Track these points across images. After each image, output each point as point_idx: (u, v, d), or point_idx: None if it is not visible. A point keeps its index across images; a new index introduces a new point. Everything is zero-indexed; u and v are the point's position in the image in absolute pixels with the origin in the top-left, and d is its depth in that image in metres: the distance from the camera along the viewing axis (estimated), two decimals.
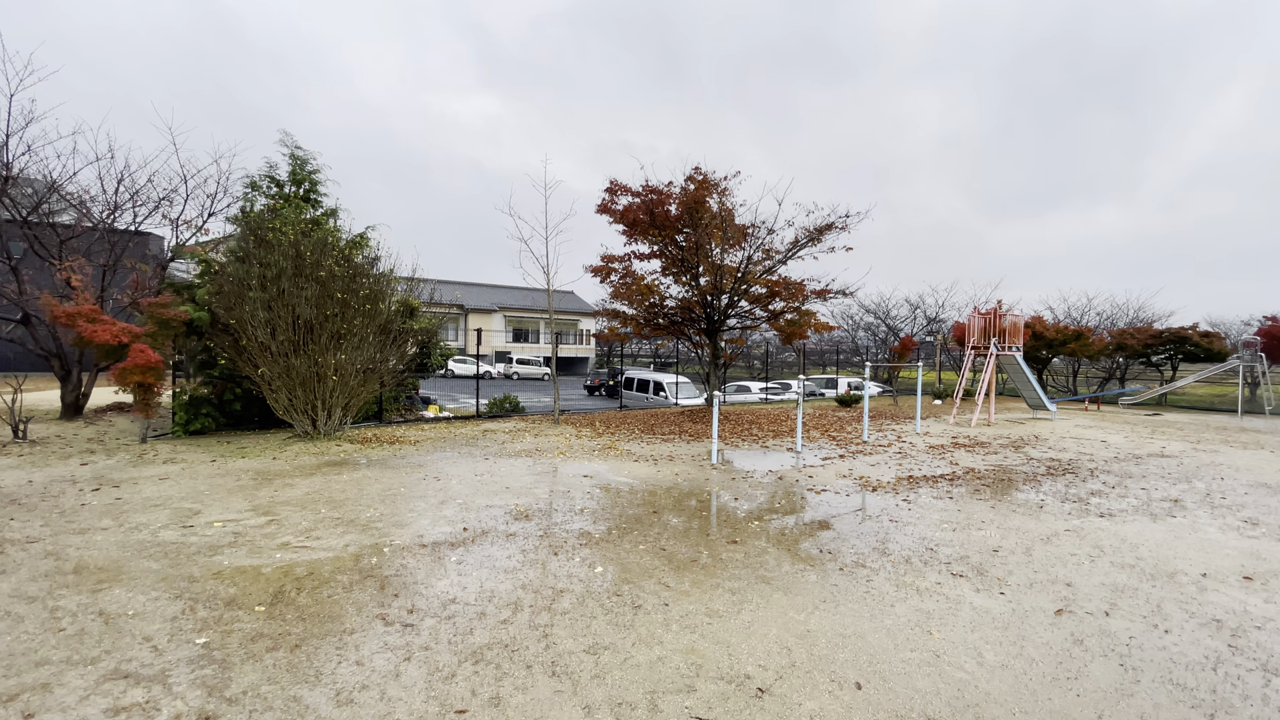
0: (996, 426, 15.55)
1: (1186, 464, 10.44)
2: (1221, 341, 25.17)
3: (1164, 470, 9.81)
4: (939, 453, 11.10)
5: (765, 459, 10.14)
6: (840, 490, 7.85)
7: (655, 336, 17.50)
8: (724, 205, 15.80)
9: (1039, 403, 18.04)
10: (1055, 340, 27.07)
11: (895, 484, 8.28)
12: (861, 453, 10.95)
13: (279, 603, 4.03)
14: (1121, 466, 10.06)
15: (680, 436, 12.44)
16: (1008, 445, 12.29)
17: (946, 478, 8.80)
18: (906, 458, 10.51)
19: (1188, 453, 11.74)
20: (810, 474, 8.86)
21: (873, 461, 10.04)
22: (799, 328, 15.46)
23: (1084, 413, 20.98)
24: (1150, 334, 26.61)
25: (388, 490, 7.23)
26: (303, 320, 10.17)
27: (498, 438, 11.72)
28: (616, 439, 11.90)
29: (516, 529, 5.75)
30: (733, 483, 8.13)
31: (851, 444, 11.97)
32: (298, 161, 13.89)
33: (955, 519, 6.54)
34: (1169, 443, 13.16)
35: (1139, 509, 7.18)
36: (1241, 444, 13.24)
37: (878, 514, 6.68)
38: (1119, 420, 18.23)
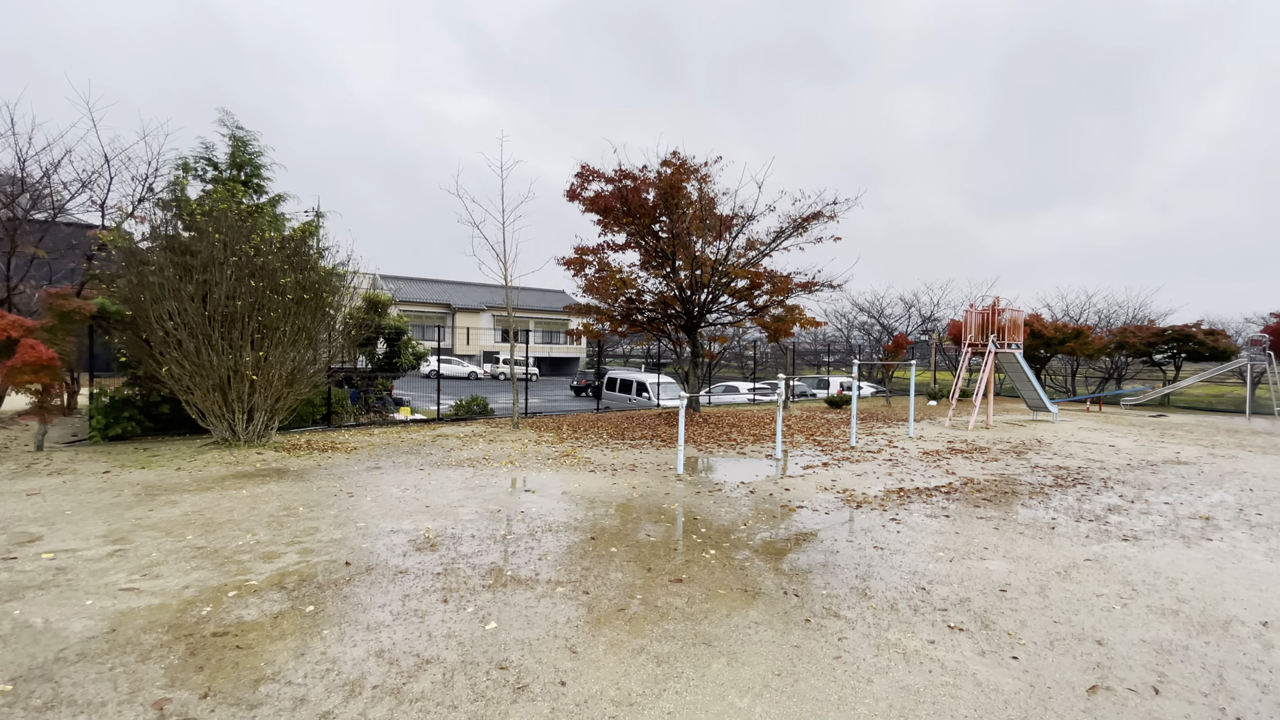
0: (995, 430, 14.52)
1: (1207, 472, 9.41)
2: (1227, 340, 24.22)
3: (1184, 480, 8.78)
4: (933, 460, 10.05)
5: (740, 468, 9.07)
6: (819, 507, 6.78)
7: (634, 334, 16.41)
8: (704, 193, 14.74)
9: (1039, 404, 17.03)
10: (1054, 339, 26.10)
11: (884, 498, 7.21)
12: (848, 460, 9.89)
13: (30, 679, 2.93)
14: (1137, 476, 9.02)
15: (651, 442, 11.36)
16: (1009, 451, 11.25)
17: (942, 490, 7.73)
18: (898, 466, 9.45)
19: (1205, 459, 10.72)
20: (787, 486, 7.79)
21: (859, 470, 8.98)
22: (784, 324, 14.39)
23: (1086, 414, 19.99)
24: (1153, 332, 25.66)
25: (284, 509, 6.12)
26: (219, 313, 9.03)
27: (448, 444, 10.62)
28: (579, 445, 10.81)
29: (411, 564, 4.65)
30: (696, 499, 7.05)
31: (838, 450, 10.91)
32: (238, 143, 12.76)
33: (953, 544, 5.47)
34: (1182, 447, 12.14)
35: (1167, 529, 6.13)
36: (1259, 449, 12.23)
37: (860, 538, 5.61)
38: (1123, 422, 17.24)
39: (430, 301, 52.19)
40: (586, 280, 15.47)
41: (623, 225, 14.72)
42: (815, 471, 8.84)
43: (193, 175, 12.34)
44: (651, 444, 11.07)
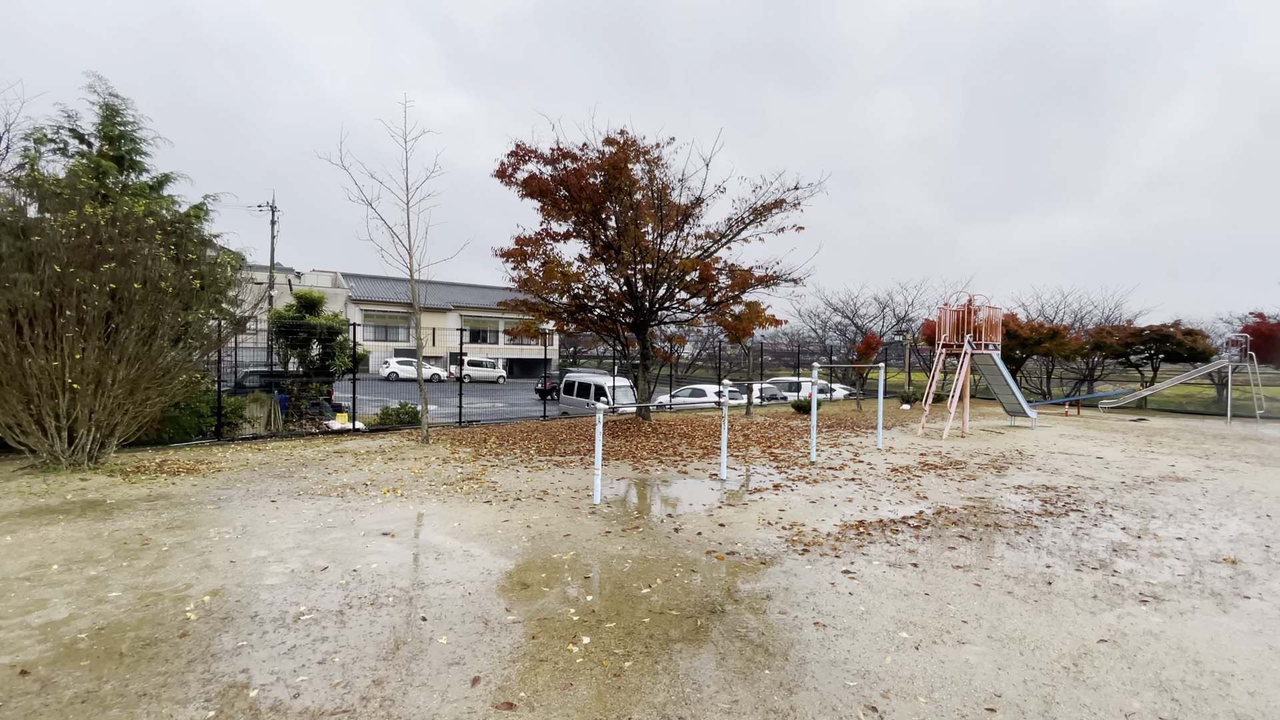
0: (971, 438, 13.29)
1: (1212, 491, 8.19)
2: (1205, 340, 23.48)
3: (1189, 503, 7.53)
4: (902, 479, 8.70)
5: (675, 494, 7.62)
6: (756, 552, 5.34)
7: (583, 332, 14.90)
8: (655, 177, 13.30)
9: (1018, 409, 15.89)
10: (1030, 339, 25.17)
11: (839, 537, 5.80)
12: (805, 480, 8.49)
13: None
14: (1136, 498, 7.75)
15: (584, 458, 9.87)
16: (987, 465, 9.96)
17: (911, 524, 6.35)
18: (861, 487, 8.07)
19: (1204, 474, 9.53)
20: (723, 521, 6.34)
21: (816, 495, 7.58)
22: (745, 322, 13.00)
23: (1065, 418, 18.95)
24: (1130, 332, 24.86)
25: (35, 566, 4.50)
26: (35, 308, 7.32)
27: (338, 463, 9.00)
28: (496, 463, 9.27)
29: (118, 678, 3.08)
30: (600, 544, 5.56)
31: (795, 466, 9.52)
32: (108, 111, 11.00)
33: (920, 615, 4.06)
34: (1175, 459, 10.98)
35: (1191, 582, 4.79)
36: (1256, 459, 11.13)
37: (799, 608, 4.17)
38: (1105, 428, 16.17)
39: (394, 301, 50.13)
40: (528, 274, 13.93)
41: (564, 213, 13.23)
42: (763, 497, 7.41)
43: (51, 148, 10.55)
44: (583, 461, 9.57)
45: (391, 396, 27.31)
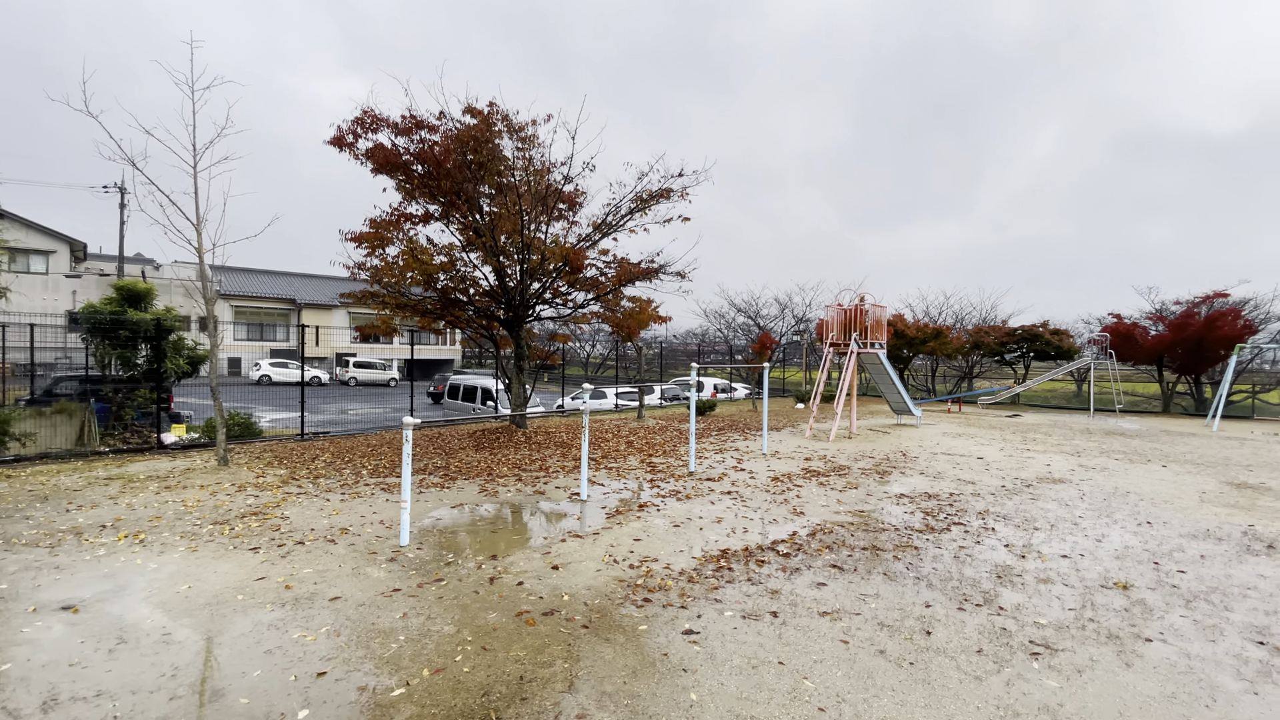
0: (858, 439, 12.91)
1: (1089, 494, 7.92)
2: (1070, 339, 25.04)
3: (1069, 509, 7.14)
4: (782, 490, 7.87)
5: (517, 521, 6.35)
6: (583, 608, 4.16)
7: (456, 329, 13.27)
8: (531, 158, 11.96)
9: (904, 407, 15.85)
10: (916, 338, 25.93)
11: (693, 576, 4.74)
12: (676, 495, 7.47)
13: None
14: (1016, 505, 7.29)
15: (423, 480, 8.39)
16: (870, 470, 9.39)
17: (780, 550, 5.42)
18: (736, 503, 7.14)
19: (1078, 474, 9.41)
20: (562, 559, 5.13)
21: (684, 515, 6.54)
22: (629, 318, 11.90)
23: (948, 415, 19.37)
24: (1005, 332, 26.16)
25: None
26: None
27: (91, 495, 7.02)
28: (304, 490, 7.61)
29: None
30: (377, 607, 4.20)
31: (670, 478, 8.50)
32: None
33: (767, 703, 3.02)
34: (1050, 457, 10.96)
35: (1084, 620, 4.09)
36: (1123, 455, 11.34)
37: (605, 709, 3.01)
38: (984, 424, 16.49)
39: (271, 296, 45.55)
40: (384, 262, 12.15)
41: (424, 193, 11.60)
42: (621, 522, 6.27)
43: None
44: (423, 484, 8.09)
45: (260, 402, 24.31)
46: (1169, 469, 9.92)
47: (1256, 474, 9.64)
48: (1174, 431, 15.79)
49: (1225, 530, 6.31)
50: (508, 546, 5.44)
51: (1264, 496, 8.00)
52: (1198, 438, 14.46)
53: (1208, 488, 8.49)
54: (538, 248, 10.66)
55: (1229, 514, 7.02)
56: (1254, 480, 9.08)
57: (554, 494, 7.51)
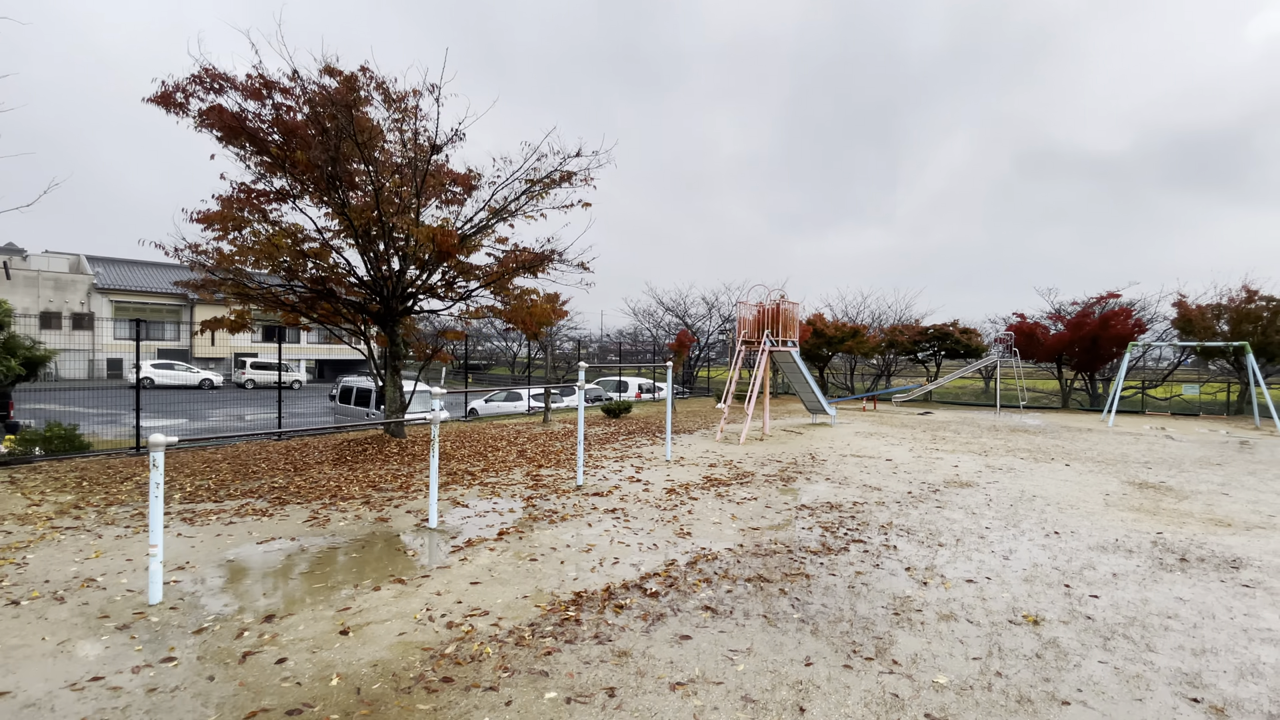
0: (770, 441, 12.28)
1: (996, 501, 7.44)
2: (979, 338, 25.73)
3: (976, 518, 6.59)
4: (674, 505, 6.97)
5: (332, 560, 5.12)
6: (359, 691, 3.05)
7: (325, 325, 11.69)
8: (417, 131, 10.63)
9: (818, 406, 15.45)
10: (835, 337, 26.01)
11: (526, 636, 3.71)
12: (552, 516, 6.42)
13: None
14: (922, 516, 6.67)
15: (255, 500, 6.97)
16: (776, 476, 8.66)
17: (649, 587, 4.47)
18: (617, 524, 6.17)
19: (985, 475, 9.03)
20: (360, 618, 3.98)
21: (547, 545, 5.50)
22: (527, 312, 10.73)
23: (863, 413, 19.26)
24: (917, 331, 26.64)
25: None
26: None
27: None
28: (79, 523, 6.07)
29: None
30: (57, 711, 2.92)
31: (555, 493, 7.45)
32: None
33: None
34: (958, 458, 10.64)
35: (988, 672, 3.32)
36: (1029, 453, 11.19)
37: None
38: (897, 423, 16.35)
39: (159, 291, 41.33)
40: (237, 247, 10.47)
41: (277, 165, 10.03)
42: (466, 559, 5.16)
43: None
44: (237, 511, 6.68)
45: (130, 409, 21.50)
46: (1072, 468, 9.73)
47: (1155, 472, 9.57)
48: (1073, 427, 16.13)
49: (1134, 540, 5.87)
50: (298, 600, 4.23)
51: (1166, 497, 7.77)
52: (1095, 433, 14.74)
53: (1111, 489, 8.24)
54: (404, 230, 9.32)
55: (1135, 519, 6.65)
56: (1153, 479, 8.95)
57: (401, 521, 6.29)
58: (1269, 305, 19.50)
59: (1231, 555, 5.45)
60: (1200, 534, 6.14)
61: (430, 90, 10.63)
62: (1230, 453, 11.81)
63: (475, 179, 11.28)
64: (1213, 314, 20.54)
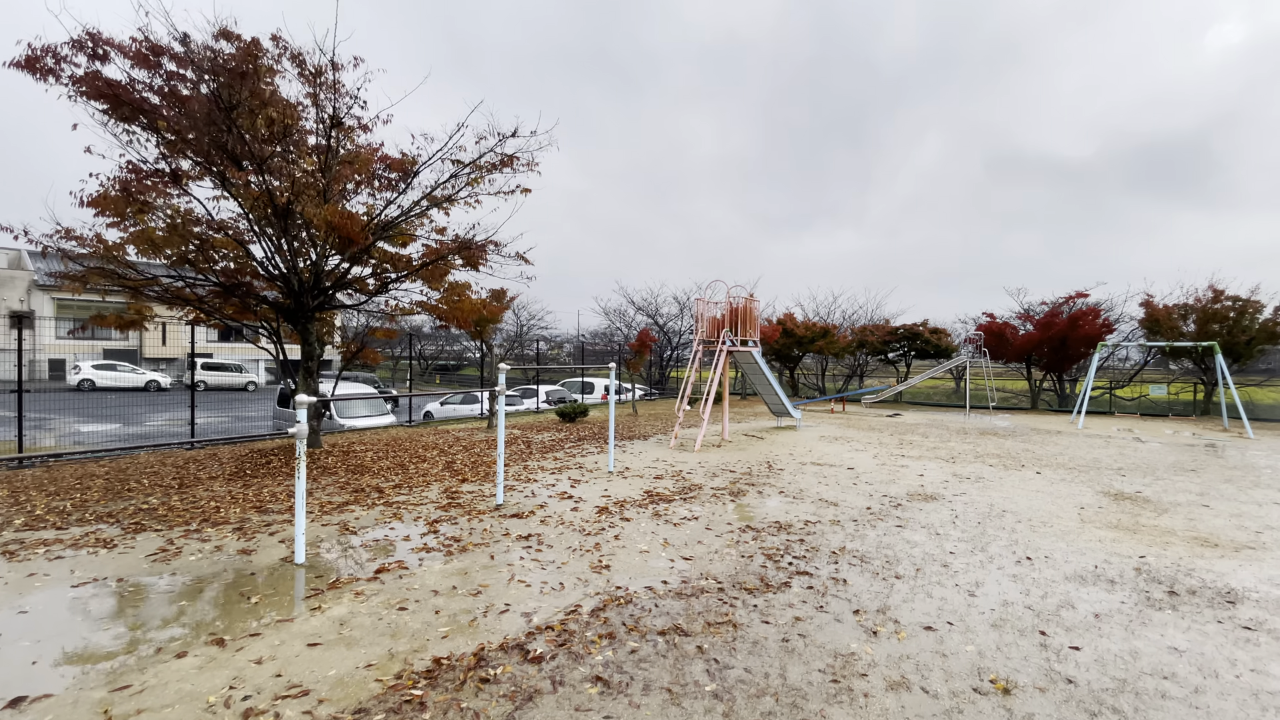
0: (728, 447, 11.48)
1: (963, 518, 6.71)
2: (948, 338, 25.35)
3: (940, 542, 5.82)
4: (600, 529, 6.09)
5: (146, 612, 4.13)
6: None
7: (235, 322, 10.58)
8: (321, 104, 9.61)
9: (782, 409, 14.72)
10: (805, 337, 25.43)
11: None
12: (451, 546, 5.50)
13: None
14: (880, 538, 5.89)
15: (106, 526, 5.92)
16: (725, 490, 7.84)
17: (533, 649, 3.57)
18: (529, 553, 5.27)
19: (952, 486, 8.32)
20: (135, 700, 3.02)
21: (429, 586, 4.58)
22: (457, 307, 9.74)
23: (831, 415, 18.61)
24: (888, 331, 26.19)
25: None
26: None
27: None
28: None
29: None
30: None
31: (467, 514, 6.52)
32: None
33: None
34: (925, 465, 9.94)
35: None
36: (999, 459, 10.55)
37: None
38: (864, 426, 15.70)
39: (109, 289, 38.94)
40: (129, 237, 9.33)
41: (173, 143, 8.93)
42: (321, 606, 4.21)
43: None
44: (75, 541, 5.63)
45: (65, 412, 19.95)
46: (1043, 477, 9.08)
47: (1130, 479, 8.97)
48: (1043, 429, 15.65)
49: (1116, 567, 5.15)
50: (67, 675, 3.25)
51: (1144, 511, 7.12)
52: (1065, 436, 14.25)
53: (1086, 501, 7.57)
54: (307, 215, 8.28)
55: (1114, 539, 5.95)
56: (1129, 489, 8.33)
57: (267, 554, 5.30)
58: (1235, 305, 19.34)
59: (1225, 586, 4.75)
60: (1187, 557, 5.45)
61: (354, 63, 9.66)
62: (1203, 457, 11.33)
63: (413, 163, 10.27)
64: (1179, 314, 20.34)
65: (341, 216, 7.74)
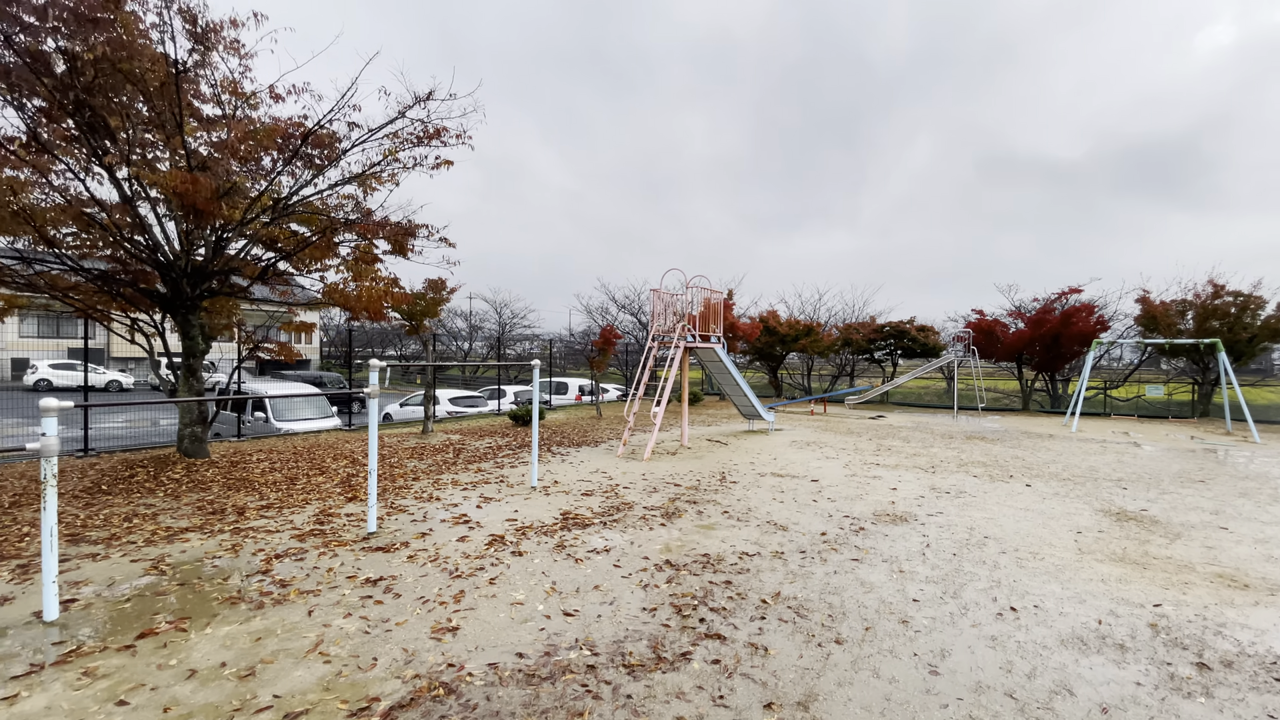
0: (684, 455, 10.27)
1: (936, 547, 5.51)
2: (936, 336, 24.24)
3: (903, 585, 4.62)
4: (474, 570, 4.86)
5: None
6: None
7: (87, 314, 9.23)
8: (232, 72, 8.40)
9: (753, 411, 13.54)
10: (788, 335, 24.25)
11: None
12: (275, 593, 4.26)
13: None
14: (827, 577, 4.68)
15: None
16: (658, 511, 6.61)
17: None
18: (364, 607, 4.04)
19: (928, 503, 7.13)
20: None
21: (183, 667, 3.34)
22: (342, 295, 8.46)
23: (810, 417, 17.44)
24: (873, 328, 25.05)
25: None
26: None
27: None
28: None
29: None
30: None
31: (323, 548, 5.28)
32: None
33: None
34: (900, 475, 8.76)
35: None
36: (985, 468, 9.38)
37: None
38: (843, 429, 14.53)
39: None
40: None
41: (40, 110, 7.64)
42: (22, 695, 2.96)
43: None
44: None
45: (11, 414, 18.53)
46: (1034, 490, 7.91)
47: (1132, 493, 7.81)
48: (1034, 433, 14.51)
49: (1125, 624, 3.95)
50: None
51: (1153, 536, 5.94)
52: (1058, 440, 13.11)
53: (1083, 522, 6.40)
54: (146, 180, 6.98)
55: (1120, 578, 4.77)
56: (1132, 505, 7.16)
57: (24, 604, 4.05)
58: (1236, 301, 18.26)
59: (1270, 652, 3.57)
60: (1214, 605, 4.27)
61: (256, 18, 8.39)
62: (1210, 465, 10.20)
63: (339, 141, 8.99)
64: (1177, 310, 19.27)
65: (184, 182, 6.45)
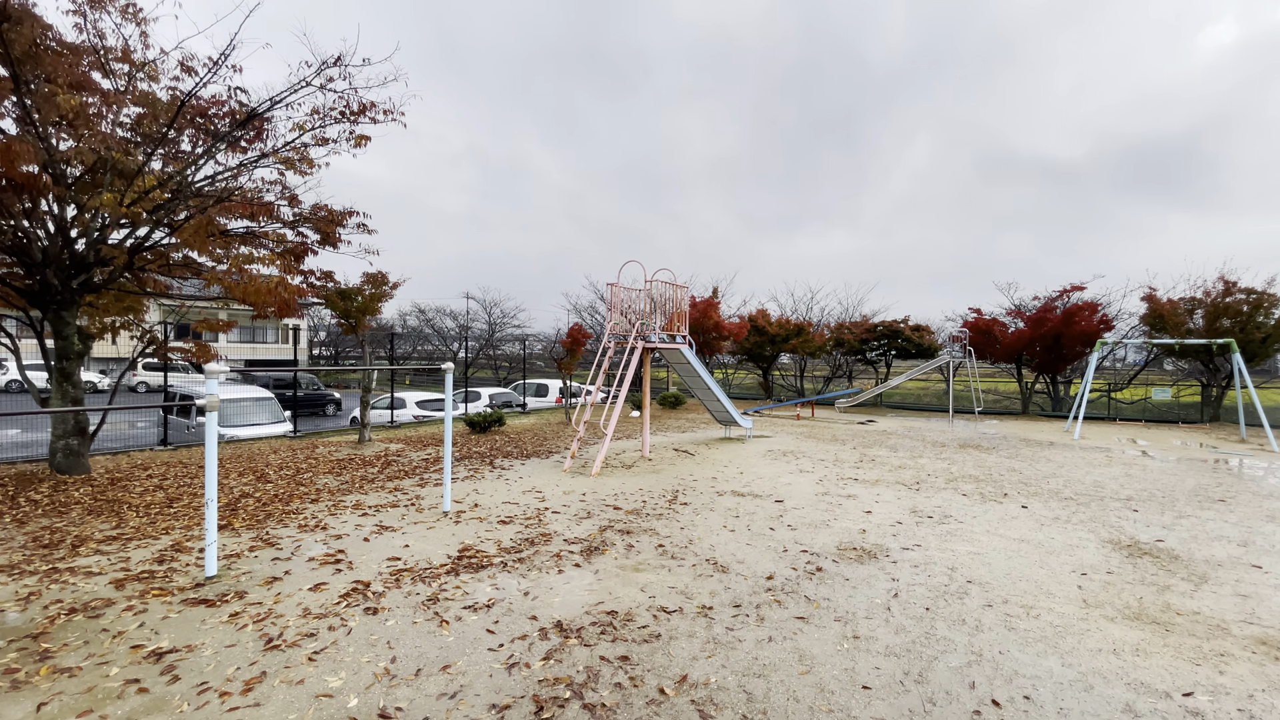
0: (642, 468, 9.19)
1: (904, 598, 4.42)
2: (931, 335, 23.14)
3: (854, 655, 3.53)
4: (305, 635, 3.78)
5: None
6: None
7: None
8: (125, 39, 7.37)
9: (727, 417, 12.46)
10: (778, 335, 23.19)
11: None
12: (33, 677, 3.17)
13: None
14: (758, 648, 3.59)
15: None
16: (579, 544, 5.53)
17: None
18: (110, 704, 2.96)
19: (904, 533, 6.04)
20: None
21: None
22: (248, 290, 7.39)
23: (795, 422, 16.34)
24: (865, 328, 23.96)
25: None
26: None
27: None
28: None
29: None
30: None
31: (136, 599, 4.20)
32: None
33: None
34: (879, 493, 7.67)
35: None
36: (975, 485, 8.29)
37: None
38: (827, 436, 13.43)
39: None
40: None
41: None
42: None
43: None
44: None
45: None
46: (1031, 513, 6.82)
47: (1144, 517, 6.72)
48: (1034, 439, 13.42)
49: None
50: None
51: (1173, 579, 4.85)
52: (1059, 449, 12.02)
53: (1088, 557, 5.31)
54: None
55: (1137, 650, 3.67)
56: (1146, 535, 6.07)
57: None
58: (1249, 298, 17.14)
59: None
60: (1263, 692, 3.19)
61: None
62: (1228, 480, 9.10)
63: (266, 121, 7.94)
64: (1186, 308, 18.15)
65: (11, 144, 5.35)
